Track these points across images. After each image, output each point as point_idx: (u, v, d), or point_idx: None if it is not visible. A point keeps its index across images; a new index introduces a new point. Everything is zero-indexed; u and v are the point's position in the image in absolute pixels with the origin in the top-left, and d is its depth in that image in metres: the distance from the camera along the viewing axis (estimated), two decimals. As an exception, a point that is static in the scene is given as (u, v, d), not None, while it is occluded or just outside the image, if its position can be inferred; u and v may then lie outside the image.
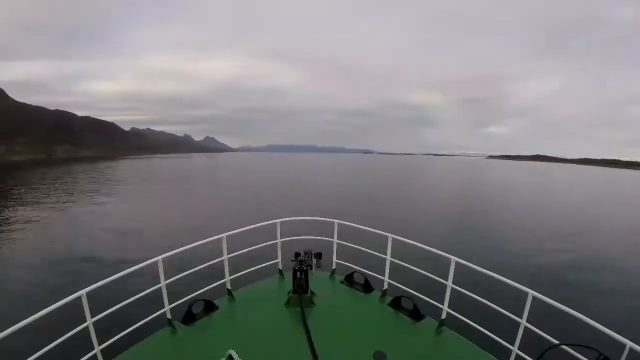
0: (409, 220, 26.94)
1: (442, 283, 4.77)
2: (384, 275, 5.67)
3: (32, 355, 3.29)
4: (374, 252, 5.89)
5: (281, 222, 6.29)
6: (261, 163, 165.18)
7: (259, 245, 6.27)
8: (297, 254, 5.75)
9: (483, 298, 4.44)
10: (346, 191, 47.78)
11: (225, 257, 5.45)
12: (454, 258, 4.64)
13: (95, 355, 3.86)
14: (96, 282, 3.90)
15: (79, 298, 3.70)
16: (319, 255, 6.15)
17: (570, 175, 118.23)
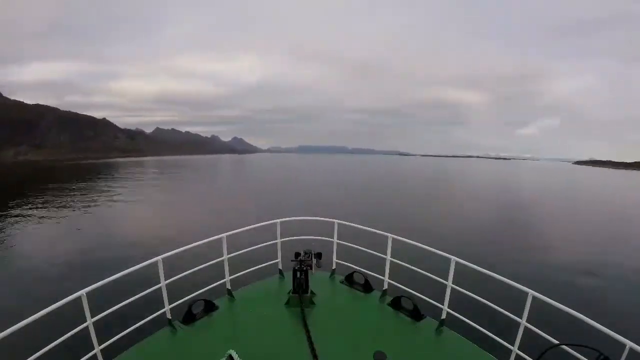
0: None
1: (442, 283, 4.77)
2: (384, 275, 5.67)
3: (32, 355, 3.30)
4: (374, 252, 5.89)
5: (281, 222, 6.30)
6: (295, 165, 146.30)
7: (259, 245, 6.27)
8: (297, 254, 5.75)
9: (483, 298, 4.44)
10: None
11: (225, 257, 5.45)
12: (454, 258, 4.64)
13: (95, 355, 3.86)
14: (96, 282, 3.90)
15: (79, 298, 3.70)
16: (319, 255, 6.15)
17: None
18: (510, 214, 31.39)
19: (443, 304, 4.76)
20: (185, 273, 5.03)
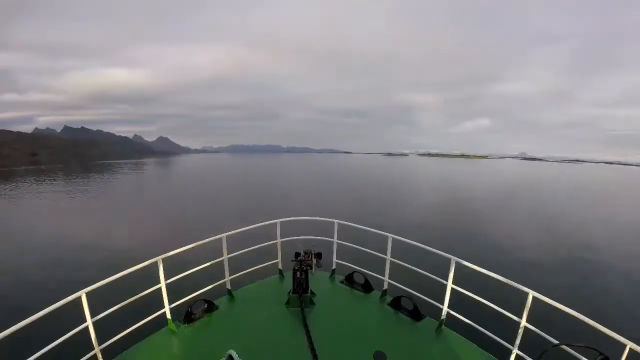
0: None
1: (442, 283, 4.77)
2: (384, 275, 5.67)
3: (32, 355, 3.29)
4: (374, 252, 5.89)
5: (281, 222, 6.29)
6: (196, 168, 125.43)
7: (259, 245, 6.27)
8: (297, 254, 5.75)
9: (483, 298, 4.44)
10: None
11: (225, 257, 5.45)
12: (454, 258, 4.64)
13: (95, 355, 3.86)
14: (96, 282, 3.90)
15: (79, 298, 3.70)
16: (319, 255, 6.14)
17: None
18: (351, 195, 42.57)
19: (443, 304, 4.76)
20: (185, 273, 5.03)
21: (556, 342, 3.60)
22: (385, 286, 5.66)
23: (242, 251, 5.98)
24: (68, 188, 51.52)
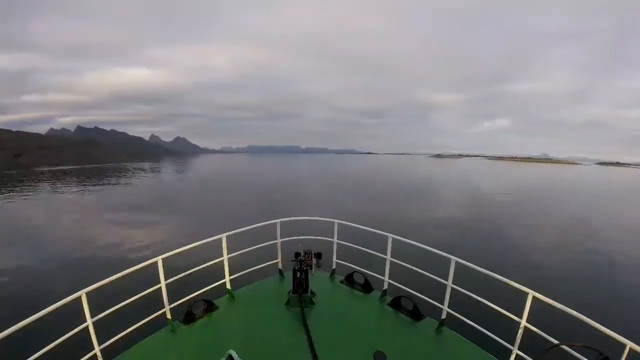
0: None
1: (442, 283, 4.77)
2: (384, 275, 5.67)
3: (32, 355, 3.30)
4: (374, 252, 5.89)
5: (281, 222, 6.30)
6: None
7: (259, 245, 6.26)
8: (297, 254, 5.75)
9: (483, 298, 4.44)
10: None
11: (225, 257, 5.46)
12: (454, 258, 4.64)
13: (95, 355, 3.87)
14: (96, 282, 3.91)
15: (79, 298, 3.71)
16: (319, 255, 6.15)
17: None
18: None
19: (443, 304, 4.76)
20: (185, 273, 5.03)
21: (556, 342, 3.60)
22: (385, 286, 5.66)
23: (242, 251, 5.98)
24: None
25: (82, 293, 3.73)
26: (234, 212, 29.03)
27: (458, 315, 4.74)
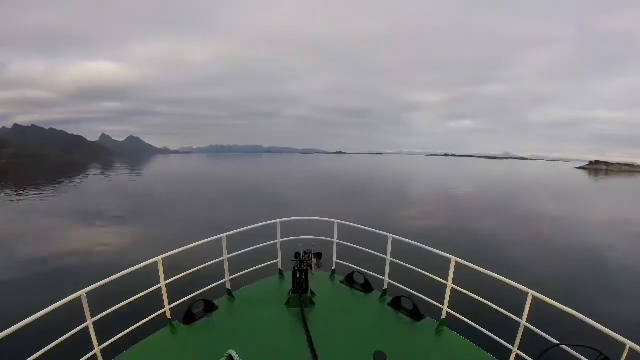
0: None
1: (442, 283, 4.76)
2: (384, 275, 5.67)
3: (32, 355, 3.29)
4: (374, 252, 5.89)
5: (281, 222, 6.30)
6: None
7: (259, 245, 6.27)
8: (297, 254, 5.76)
9: (483, 298, 4.44)
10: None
11: (225, 257, 5.46)
12: (453, 258, 4.64)
13: (95, 355, 3.86)
14: (96, 282, 3.90)
15: (79, 298, 3.70)
16: (319, 255, 6.15)
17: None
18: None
19: (443, 304, 4.76)
20: (185, 273, 5.03)
21: (556, 342, 3.60)
22: (385, 286, 5.66)
23: (242, 251, 5.98)
24: None
25: (82, 293, 3.72)
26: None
27: (458, 315, 4.73)
